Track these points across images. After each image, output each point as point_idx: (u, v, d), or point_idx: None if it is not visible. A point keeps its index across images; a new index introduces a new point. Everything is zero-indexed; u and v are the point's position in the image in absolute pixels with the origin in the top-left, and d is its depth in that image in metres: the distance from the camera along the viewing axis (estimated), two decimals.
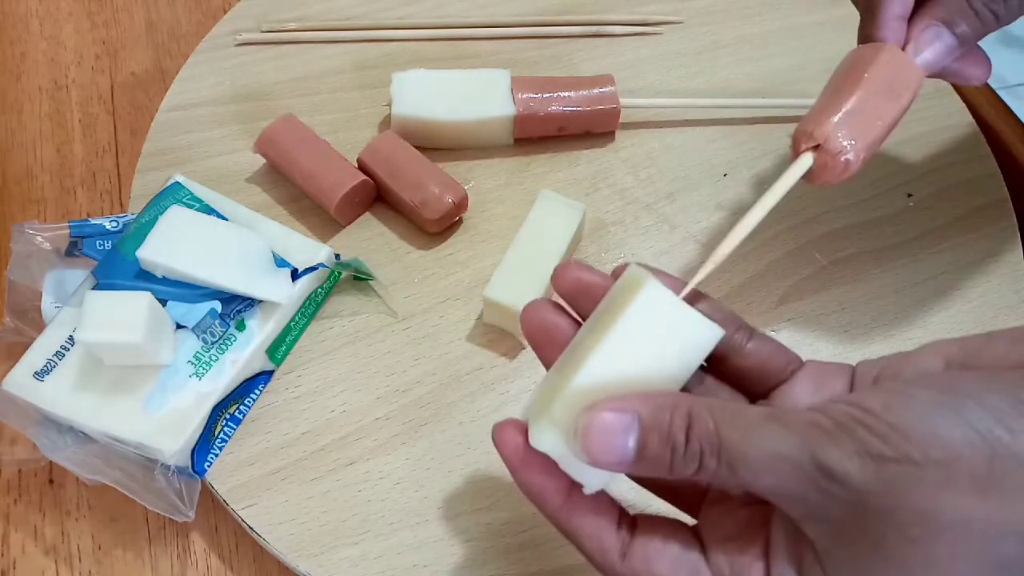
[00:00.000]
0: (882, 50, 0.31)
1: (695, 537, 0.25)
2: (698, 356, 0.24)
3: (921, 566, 0.20)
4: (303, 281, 0.39)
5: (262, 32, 0.51)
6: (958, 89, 0.50)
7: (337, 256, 0.41)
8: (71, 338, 0.37)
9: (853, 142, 0.29)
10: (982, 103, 0.51)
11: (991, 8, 0.31)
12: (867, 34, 0.32)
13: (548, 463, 0.24)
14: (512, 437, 0.25)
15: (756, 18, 0.53)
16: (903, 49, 0.32)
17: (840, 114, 0.30)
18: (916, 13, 0.32)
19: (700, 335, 0.24)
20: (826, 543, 0.22)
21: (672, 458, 0.22)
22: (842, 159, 0.29)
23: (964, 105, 0.50)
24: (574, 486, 0.25)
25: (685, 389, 0.25)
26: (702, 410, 0.22)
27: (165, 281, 0.38)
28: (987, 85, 0.52)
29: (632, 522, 0.25)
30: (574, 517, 0.25)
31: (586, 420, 0.23)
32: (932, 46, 0.31)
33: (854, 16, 0.55)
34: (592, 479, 0.24)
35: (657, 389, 0.24)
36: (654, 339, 0.24)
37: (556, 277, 0.27)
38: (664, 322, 0.24)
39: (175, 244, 0.37)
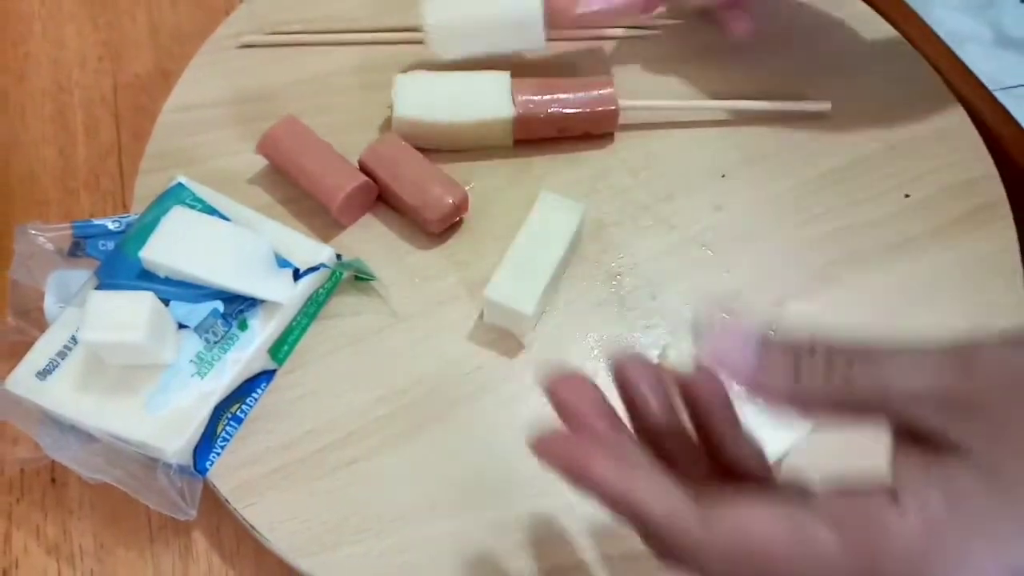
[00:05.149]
0: None
1: None
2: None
3: None
4: (305, 281, 0.39)
5: (265, 35, 0.51)
6: (956, 91, 0.51)
7: (338, 256, 0.41)
8: (74, 338, 0.37)
9: None
10: (980, 104, 0.51)
11: None
12: None
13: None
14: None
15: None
16: None
17: None
18: None
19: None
20: (970, 440, 0.20)
21: (796, 359, 0.20)
22: None
23: (961, 106, 0.50)
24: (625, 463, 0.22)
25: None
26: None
27: (167, 281, 0.38)
28: (984, 87, 0.52)
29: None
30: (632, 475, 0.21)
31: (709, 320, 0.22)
32: None
33: (855, 16, 0.55)
34: None
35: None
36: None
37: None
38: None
39: (177, 244, 0.38)
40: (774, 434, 0.28)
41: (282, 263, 0.39)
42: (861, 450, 0.24)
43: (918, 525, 0.19)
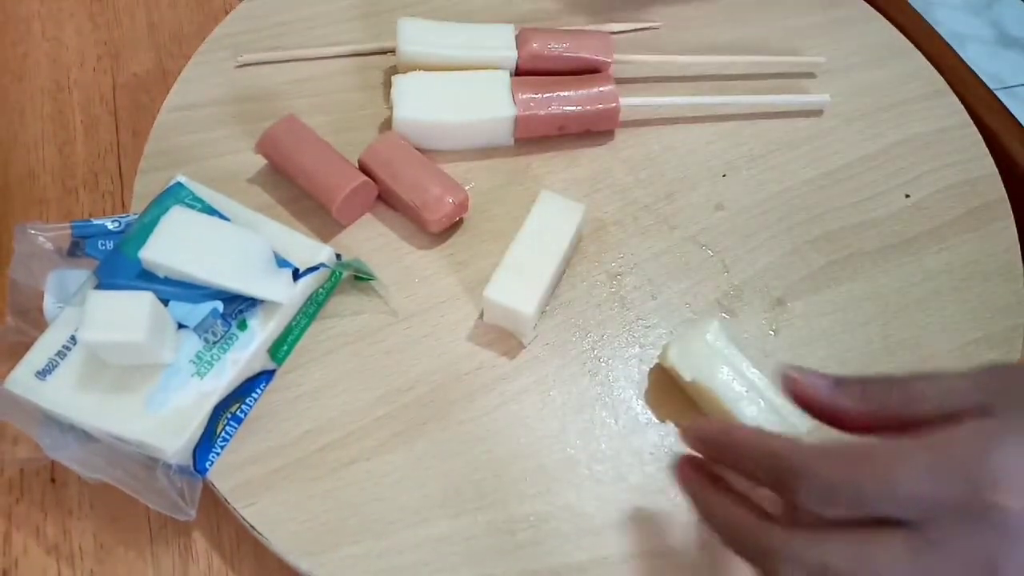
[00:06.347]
0: None
1: None
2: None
3: None
4: (304, 281, 0.39)
5: (262, 52, 0.50)
6: (956, 90, 0.51)
7: (338, 256, 0.41)
8: (73, 338, 0.37)
9: None
10: (980, 104, 0.51)
11: None
12: None
13: None
14: None
15: (752, 21, 0.53)
16: None
17: None
18: None
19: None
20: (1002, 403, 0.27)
21: (863, 383, 0.28)
22: None
23: (962, 106, 0.50)
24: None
25: None
26: None
27: (167, 281, 0.38)
28: (985, 86, 0.52)
29: None
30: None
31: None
32: None
33: (856, 15, 0.55)
34: None
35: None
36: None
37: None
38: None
39: (177, 244, 0.37)
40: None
41: (281, 263, 0.39)
42: None
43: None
